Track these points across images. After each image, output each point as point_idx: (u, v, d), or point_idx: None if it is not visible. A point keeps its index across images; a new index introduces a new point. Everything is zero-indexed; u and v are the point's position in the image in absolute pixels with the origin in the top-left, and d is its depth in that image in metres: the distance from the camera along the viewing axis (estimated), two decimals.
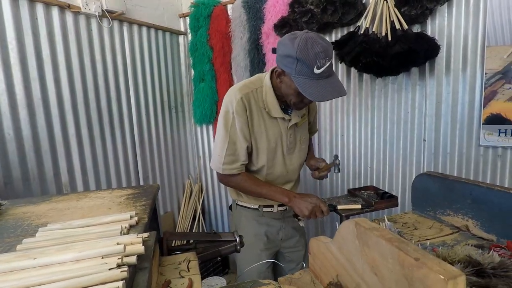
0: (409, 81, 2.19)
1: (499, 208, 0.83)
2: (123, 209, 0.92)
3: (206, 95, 2.75)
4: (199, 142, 3.09)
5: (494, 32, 1.92)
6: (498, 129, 1.98)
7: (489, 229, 0.87)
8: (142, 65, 2.53)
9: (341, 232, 0.58)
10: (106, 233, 0.70)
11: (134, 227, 0.79)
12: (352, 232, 0.54)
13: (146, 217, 0.84)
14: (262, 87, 1.30)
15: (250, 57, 2.53)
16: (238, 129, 1.26)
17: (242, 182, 1.32)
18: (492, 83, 1.96)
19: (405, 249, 0.43)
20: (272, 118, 1.31)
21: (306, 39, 1.09)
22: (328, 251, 0.63)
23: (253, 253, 1.42)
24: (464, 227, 0.93)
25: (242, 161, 1.30)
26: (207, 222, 3.18)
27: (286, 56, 1.14)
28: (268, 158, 1.34)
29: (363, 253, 0.52)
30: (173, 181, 2.89)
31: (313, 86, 1.11)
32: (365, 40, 1.99)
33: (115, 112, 2.31)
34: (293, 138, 1.37)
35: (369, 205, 1.32)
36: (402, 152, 2.31)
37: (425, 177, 1.06)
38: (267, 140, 1.31)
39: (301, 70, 1.10)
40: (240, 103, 1.24)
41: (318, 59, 1.08)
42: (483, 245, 0.85)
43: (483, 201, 0.87)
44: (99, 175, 2.20)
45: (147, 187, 1.11)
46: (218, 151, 1.31)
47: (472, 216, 0.91)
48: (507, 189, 0.81)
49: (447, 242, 0.88)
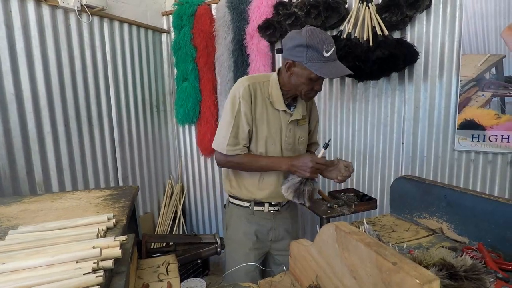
0: (389, 86, 2.25)
1: (472, 211, 0.87)
2: (100, 210, 0.89)
3: (189, 95, 2.71)
4: (181, 142, 3.04)
5: (469, 40, 2.00)
6: (471, 134, 2.06)
7: (461, 232, 0.91)
8: (123, 62, 2.46)
9: (321, 235, 0.59)
10: (81, 236, 0.67)
11: (111, 229, 0.76)
12: (332, 235, 0.54)
13: (124, 219, 0.81)
14: (268, 82, 1.39)
15: (234, 57, 2.52)
16: (242, 113, 1.33)
17: (241, 159, 1.37)
18: (467, 90, 2.04)
19: (383, 253, 0.43)
20: (274, 110, 1.38)
21: (311, 29, 1.23)
22: (309, 254, 0.64)
23: (241, 252, 1.42)
24: (439, 229, 0.96)
25: (244, 144, 1.36)
26: (188, 223, 3.14)
27: (295, 46, 1.24)
28: (267, 147, 1.39)
29: (342, 257, 0.52)
30: (153, 181, 2.84)
31: (326, 67, 1.22)
32: (347, 44, 2.02)
33: (93, 109, 2.24)
34: (292, 134, 1.42)
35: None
36: (382, 155, 2.36)
37: (403, 180, 1.09)
38: (267, 129, 1.37)
39: (312, 56, 1.21)
40: (247, 89, 1.33)
41: (325, 44, 1.20)
42: (456, 248, 0.88)
43: (457, 204, 0.91)
44: (76, 174, 2.12)
45: (126, 188, 1.08)
46: (223, 133, 1.36)
47: (446, 219, 0.95)
48: (479, 194, 0.85)
49: (422, 244, 0.91)
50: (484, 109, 2.02)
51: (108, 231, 0.75)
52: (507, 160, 2.00)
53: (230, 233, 1.43)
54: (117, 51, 2.40)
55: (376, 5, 2.05)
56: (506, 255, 0.81)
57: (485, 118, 2.02)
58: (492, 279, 0.61)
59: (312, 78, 1.25)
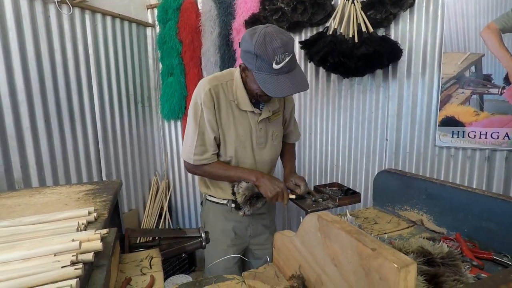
0: (374, 82, 2.29)
1: (450, 203, 0.89)
2: (81, 205, 0.87)
3: (175, 90, 2.68)
4: (166, 138, 3.01)
5: (450, 39, 2.05)
6: (451, 131, 2.12)
7: (440, 223, 0.93)
8: (106, 56, 2.41)
9: (304, 225, 0.59)
10: (60, 230, 0.65)
11: (92, 223, 0.74)
12: (314, 225, 0.55)
13: (106, 213, 0.79)
14: (232, 81, 1.31)
15: (221, 52, 2.51)
16: (206, 120, 1.27)
17: (211, 168, 1.32)
18: (447, 87, 2.09)
19: (363, 240, 0.44)
20: (241, 111, 1.32)
21: (264, 34, 1.08)
22: (292, 244, 0.64)
23: (220, 249, 1.41)
24: (419, 221, 0.99)
25: (212, 151, 1.31)
26: (174, 219, 3.12)
27: (246, 52, 1.15)
28: (237, 151, 1.34)
29: (324, 245, 0.53)
30: (138, 177, 2.80)
31: (273, 82, 1.11)
32: (333, 41, 2.04)
33: (75, 104, 2.18)
34: (263, 132, 1.38)
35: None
36: (366, 150, 2.40)
37: (385, 174, 1.12)
38: (235, 132, 1.32)
39: (260, 66, 1.11)
40: (208, 94, 1.25)
41: (277, 55, 1.07)
42: (435, 238, 0.91)
43: (436, 196, 0.93)
44: (57, 171, 2.07)
45: (108, 183, 1.06)
46: (188, 142, 1.31)
47: (426, 211, 0.97)
48: (457, 186, 0.87)
49: (403, 235, 0.93)
50: (463, 106, 2.08)
51: (89, 225, 0.73)
52: (484, 155, 2.06)
53: (208, 230, 1.41)
54: (100, 45, 2.34)
55: (361, 3, 2.07)
56: (481, 244, 0.84)
57: (464, 115, 2.08)
58: (468, 267, 0.64)
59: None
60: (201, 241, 0.97)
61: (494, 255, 0.77)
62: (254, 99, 1.32)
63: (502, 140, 2.01)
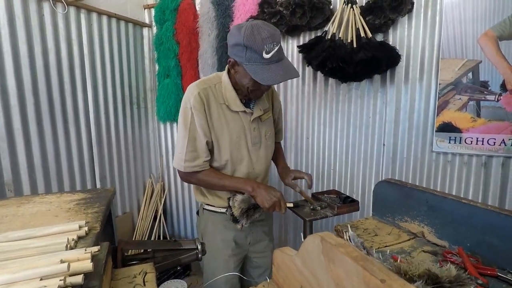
0: (371, 87, 2.27)
1: (451, 216, 0.88)
2: (72, 216, 0.83)
3: (171, 92, 2.64)
4: (162, 140, 2.97)
5: (447, 45, 2.05)
6: (448, 137, 2.12)
7: (442, 236, 0.92)
8: (102, 57, 2.36)
9: (306, 246, 0.57)
10: (49, 247, 0.62)
11: (83, 238, 0.71)
12: (317, 247, 0.53)
13: (98, 226, 0.76)
14: (220, 83, 1.29)
15: (218, 54, 2.48)
16: (197, 124, 1.24)
17: (204, 177, 1.29)
18: (445, 93, 2.09)
19: (370, 269, 0.42)
20: (233, 112, 1.30)
21: (252, 26, 1.11)
22: (293, 263, 0.62)
23: (220, 259, 1.38)
24: (420, 233, 0.97)
25: (204, 158, 1.27)
26: (169, 223, 3.08)
27: (235, 45, 1.15)
28: (232, 153, 1.31)
29: (328, 269, 0.51)
30: (133, 180, 2.76)
31: (265, 71, 1.12)
32: (331, 45, 2.03)
33: (69, 106, 2.13)
34: (257, 132, 1.35)
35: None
36: (363, 155, 2.39)
37: (385, 184, 1.10)
38: (229, 135, 1.29)
39: (251, 57, 1.12)
40: (198, 98, 1.23)
41: (266, 44, 1.09)
42: (437, 252, 0.89)
43: (438, 209, 0.92)
44: (49, 174, 2.02)
45: (101, 191, 1.03)
46: (179, 149, 1.28)
47: (427, 223, 0.96)
48: (458, 198, 0.86)
49: (405, 248, 0.91)
50: (461, 112, 2.08)
51: (79, 240, 0.70)
52: (481, 161, 2.06)
53: (207, 241, 1.37)
54: (95, 45, 2.30)
55: (360, 7, 2.06)
56: (484, 259, 0.82)
57: (461, 121, 2.08)
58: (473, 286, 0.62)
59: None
60: (197, 253, 0.95)
61: (498, 272, 0.76)
62: (244, 98, 1.31)
63: (499, 146, 2.02)
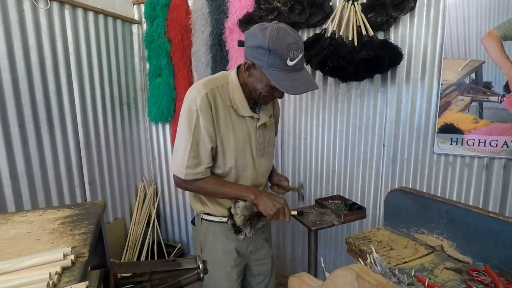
0: (372, 87, 2.21)
1: (476, 230, 0.81)
2: (56, 239, 0.73)
3: (163, 92, 2.53)
4: (154, 142, 2.85)
5: (450, 44, 1.99)
6: (450, 138, 2.07)
7: (465, 251, 0.85)
8: (88, 54, 2.23)
9: (334, 280, 0.49)
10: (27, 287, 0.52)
11: (69, 269, 0.61)
12: (350, 284, 0.45)
13: (86, 252, 0.66)
14: (228, 84, 1.20)
15: (212, 53, 2.37)
16: (203, 128, 1.14)
17: (204, 184, 1.20)
18: (447, 94, 2.04)
19: None
20: (240, 117, 1.22)
21: (278, 29, 1.03)
22: None
23: (222, 272, 1.30)
24: (439, 247, 0.90)
25: (206, 164, 1.18)
26: (163, 228, 2.97)
27: (256, 47, 1.06)
28: (237, 160, 1.23)
29: None
30: (124, 184, 2.63)
31: (287, 79, 1.05)
32: (332, 44, 1.95)
33: (54, 107, 2.00)
34: (262, 139, 1.28)
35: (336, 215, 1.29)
36: (363, 156, 2.33)
37: (399, 193, 1.03)
38: (234, 140, 1.21)
39: (273, 62, 1.05)
40: (205, 100, 1.13)
41: (291, 51, 1.03)
42: (461, 269, 0.83)
43: (460, 221, 0.85)
44: (34, 181, 1.89)
45: (90, 206, 0.92)
46: (180, 153, 1.17)
47: (447, 236, 0.89)
48: (485, 212, 0.79)
49: (425, 265, 0.85)
50: (463, 113, 2.03)
51: (64, 272, 0.60)
52: (483, 163, 2.03)
53: (207, 253, 1.30)
54: (81, 42, 2.17)
55: (361, 4, 1.98)
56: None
57: (463, 122, 2.03)
58: None
59: (272, 85, 1.09)
60: (199, 273, 0.86)
61: None
62: (252, 102, 1.24)
63: (501, 148, 1.98)
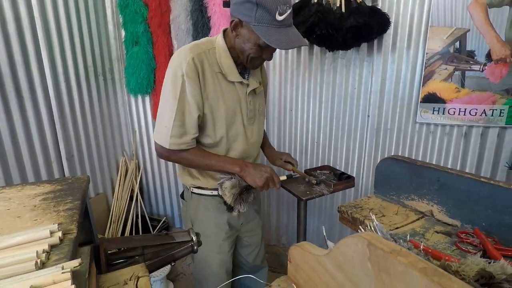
0: (358, 56, 2.18)
1: (467, 195, 0.83)
2: (39, 216, 0.68)
3: (142, 61, 2.38)
4: (133, 115, 2.73)
5: (437, 12, 1.97)
6: (432, 107, 2.11)
7: (454, 215, 0.88)
8: (57, 21, 2.04)
9: (341, 248, 0.48)
10: (11, 268, 0.48)
11: (57, 247, 0.57)
12: (362, 252, 0.44)
13: (74, 228, 0.62)
14: (214, 49, 1.14)
15: (193, 19, 2.23)
16: (189, 95, 1.08)
17: (189, 155, 1.15)
18: (431, 63, 2.05)
19: (450, 287, 0.34)
20: (229, 83, 1.17)
21: None
22: (319, 264, 0.54)
23: (214, 244, 1.30)
24: (429, 212, 0.93)
25: (192, 135, 1.13)
26: (146, 201, 2.93)
27: (243, 2, 1.01)
28: (228, 128, 1.19)
29: (379, 279, 0.42)
30: (104, 159, 2.54)
31: (276, 34, 1.01)
32: (320, 10, 1.87)
33: (22, 78, 1.85)
34: (252, 106, 1.24)
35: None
36: (347, 127, 2.35)
37: (391, 161, 1.04)
38: (225, 108, 1.16)
39: (262, 17, 1.01)
40: (192, 65, 1.07)
41: (279, 5, 0.99)
42: (450, 232, 0.86)
43: (451, 187, 0.87)
44: (7, 158, 1.78)
45: (73, 181, 0.86)
46: (164, 121, 1.11)
47: (437, 202, 0.91)
48: (477, 177, 0.81)
49: (416, 230, 0.87)
50: (446, 82, 2.06)
51: (52, 251, 0.56)
52: (462, 132, 2.09)
53: (199, 227, 1.28)
54: (47, 6, 1.97)
55: None
56: (501, 239, 0.79)
57: (446, 92, 2.07)
58: None
59: (261, 44, 1.04)
60: (192, 246, 0.84)
61: None
62: (240, 67, 1.19)
63: (480, 116, 2.04)
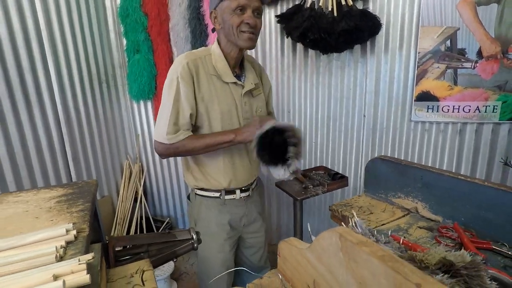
0: (352, 58, 2.24)
1: (448, 192, 0.90)
2: (55, 217, 0.75)
3: (143, 69, 2.46)
4: (136, 120, 2.81)
5: (427, 12, 2.03)
6: (426, 106, 2.17)
7: (436, 211, 0.94)
8: (61, 29, 2.12)
9: (320, 241, 0.55)
10: (36, 261, 0.55)
11: (72, 243, 0.64)
12: (335, 244, 0.50)
13: (86, 227, 0.69)
14: (210, 55, 1.25)
15: (191, 27, 2.31)
16: (182, 94, 1.17)
17: (183, 142, 1.21)
18: (424, 62, 2.11)
19: (402, 271, 0.40)
20: (224, 84, 1.25)
21: None
22: (303, 257, 0.60)
23: (215, 244, 1.36)
24: (414, 209, 0.99)
25: (185, 130, 1.21)
26: (150, 203, 3.01)
27: None
28: (223, 129, 1.26)
29: (348, 267, 0.49)
30: (109, 162, 2.62)
31: None
32: (312, 15, 1.94)
33: (30, 85, 1.92)
34: (248, 107, 1.31)
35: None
36: (344, 127, 2.41)
37: (378, 161, 1.10)
38: (219, 108, 1.24)
39: None
40: (186, 68, 1.17)
41: None
42: (432, 227, 0.92)
43: (433, 185, 0.93)
44: (17, 162, 1.86)
45: (82, 185, 0.94)
46: (162, 120, 1.21)
47: (421, 199, 0.97)
48: (456, 175, 0.87)
49: (401, 225, 0.93)
50: (438, 80, 2.11)
51: (68, 246, 0.63)
52: (456, 129, 2.14)
53: (201, 227, 1.35)
54: (52, 16, 2.05)
55: None
56: (478, 232, 0.85)
57: (439, 90, 2.12)
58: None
59: (233, 7, 1.13)
60: (193, 243, 0.91)
61: (492, 245, 0.79)
62: (235, 71, 1.28)
63: (473, 113, 2.09)
